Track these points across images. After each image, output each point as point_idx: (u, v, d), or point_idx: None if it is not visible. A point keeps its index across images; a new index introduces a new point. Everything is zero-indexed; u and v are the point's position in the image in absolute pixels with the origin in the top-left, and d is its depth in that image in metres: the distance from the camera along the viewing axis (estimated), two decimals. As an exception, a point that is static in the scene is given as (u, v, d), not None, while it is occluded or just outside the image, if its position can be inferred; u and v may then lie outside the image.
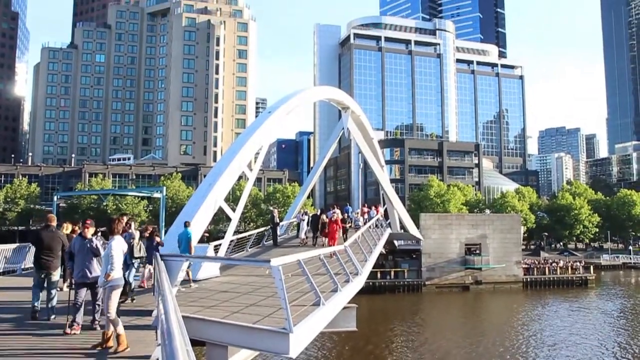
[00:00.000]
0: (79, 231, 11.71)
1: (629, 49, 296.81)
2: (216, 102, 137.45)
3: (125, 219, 13.96)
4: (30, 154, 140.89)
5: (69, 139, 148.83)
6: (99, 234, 11.25)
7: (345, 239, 26.14)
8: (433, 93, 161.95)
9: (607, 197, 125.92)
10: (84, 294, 10.38)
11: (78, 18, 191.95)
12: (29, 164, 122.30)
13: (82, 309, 10.24)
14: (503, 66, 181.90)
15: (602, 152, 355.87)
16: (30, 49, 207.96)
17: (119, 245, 9.89)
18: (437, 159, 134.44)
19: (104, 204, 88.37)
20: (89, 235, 10.66)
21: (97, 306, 10.45)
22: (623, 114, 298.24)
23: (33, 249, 13.57)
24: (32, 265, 13.77)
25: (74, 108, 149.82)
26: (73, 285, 10.77)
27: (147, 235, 16.26)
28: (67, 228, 15.45)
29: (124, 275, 10.96)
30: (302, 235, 32.72)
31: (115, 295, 9.53)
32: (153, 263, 14.03)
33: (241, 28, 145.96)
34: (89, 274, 10.34)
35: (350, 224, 35.28)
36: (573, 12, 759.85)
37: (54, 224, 12.47)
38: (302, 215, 35.39)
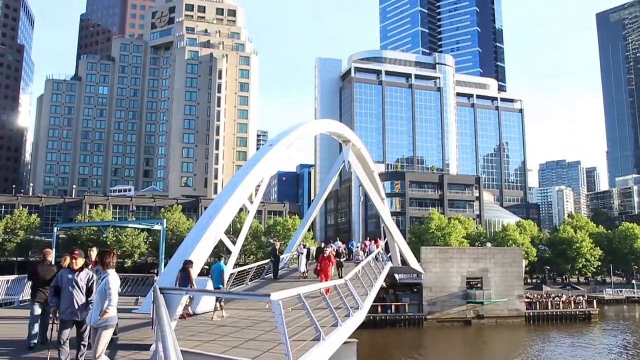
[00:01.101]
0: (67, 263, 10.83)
1: (627, 83, 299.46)
2: (218, 134, 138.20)
3: (95, 251, 13.39)
4: (31, 184, 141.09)
5: (70, 170, 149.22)
6: (90, 265, 10.62)
7: (340, 275, 25.96)
8: (434, 126, 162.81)
9: (609, 231, 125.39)
10: (69, 332, 9.58)
11: (83, 51, 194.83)
12: (30, 194, 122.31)
13: (67, 350, 9.45)
14: (503, 100, 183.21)
15: (603, 185, 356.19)
16: (35, 80, 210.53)
17: (115, 281, 9.17)
18: (438, 192, 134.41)
19: (104, 235, 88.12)
20: (77, 268, 9.87)
21: (82, 347, 9.53)
22: (623, 147, 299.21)
23: (30, 282, 13.54)
24: (30, 298, 13.70)
25: (76, 139, 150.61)
26: (57, 322, 9.92)
27: (181, 267, 16.53)
28: (67, 260, 15.35)
29: None
30: (302, 269, 32.45)
31: (108, 335, 8.90)
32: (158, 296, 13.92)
33: (243, 62, 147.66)
34: (78, 312, 9.49)
35: (346, 259, 34.95)
36: (571, 46, 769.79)
37: (50, 258, 12.52)
38: (302, 248, 35.13)
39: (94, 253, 13.03)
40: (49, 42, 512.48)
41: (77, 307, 9.55)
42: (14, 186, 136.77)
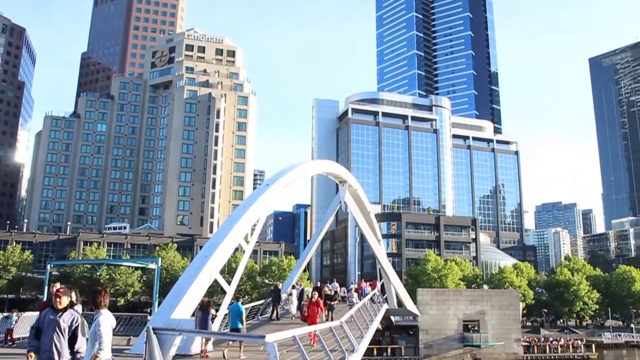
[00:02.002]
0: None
1: (621, 126, 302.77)
2: (214, 173, 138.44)
3: (58, 285, 11.33)
4: (25, 220, 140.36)
5: (65, 206, 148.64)
6: (76, 305, 9.35)
7: (330, 318, 25.52)
8: (430, 167, 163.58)
9: (606, 273, 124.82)
10: None
11: (83, 88, 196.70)
12: (24, 230, 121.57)
13: None
14: (498, 142, 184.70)
15: (599, 227, 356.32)
16: (34, 117, 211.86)
17: (107, 321, 8.48)
18: (434, 233, 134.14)
19: (98, 273, 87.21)
20: (61, 307, 8.68)
21: None
22: (618, 190, 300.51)
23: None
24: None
25: (72, 176, 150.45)
26: None
27: (201, 307, 16.44)
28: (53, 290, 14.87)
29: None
30: (293, 311, 31.67)
31: None
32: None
33: (241, 101, 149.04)
34: (56, 358, 8.28)
35: (338, 301, 34.25)
36: (566, 89, 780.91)
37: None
38: (291, 288, 34.14)
39: (55, 289, 11.76)
40: (49, 79, 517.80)
41: (55, 352, 8.32)
42: (8, 222, 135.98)
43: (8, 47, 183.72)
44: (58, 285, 11.24)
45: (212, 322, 15.53)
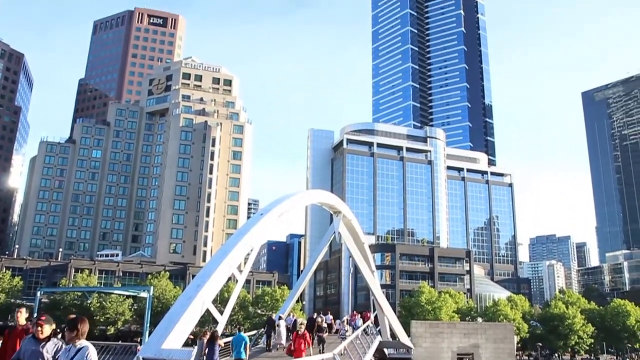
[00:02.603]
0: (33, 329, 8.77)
1: (614, 160, 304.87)
2: (209, 201, 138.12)
3: (23, 312, 10.74)
4: (17, 246, 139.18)
5: (57, 232, 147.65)
6: (60, 335, 8.88)
7: (321, 351, 25.12)
8: (424, 199, 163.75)
9: (601, 307, 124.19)
10: None
11: (79, 114, 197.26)
12: (15, 256, 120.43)
13: None
14: (493, 174, 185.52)
15: (593, 260, 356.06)
16: (29, 142, 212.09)
17: (93, 353, 7.82)
18: (429, 264, 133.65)
19: (88, 301, 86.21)
20: (43, 337, 8.21)
21: None
22: (612, 223, 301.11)
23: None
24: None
25: (65, 202, 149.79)
26: None
27: (207, 339, 16.27)
28: (20, 316, 14.12)
29: None
30: (283, 342, 31.01)
31: None
32: None
33: (237, 130, 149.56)
34: None
35: (328, 333, 33.62)
36: (559, 122, 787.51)
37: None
38: (278, 319, 33.27)
39: (22, 315, 10.55)
40: (46, 104, 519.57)
41: None
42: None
43: (6, 72, 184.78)
44: (23, 311, 10.64)
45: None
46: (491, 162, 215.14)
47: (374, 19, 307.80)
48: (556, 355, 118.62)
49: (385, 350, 63.53)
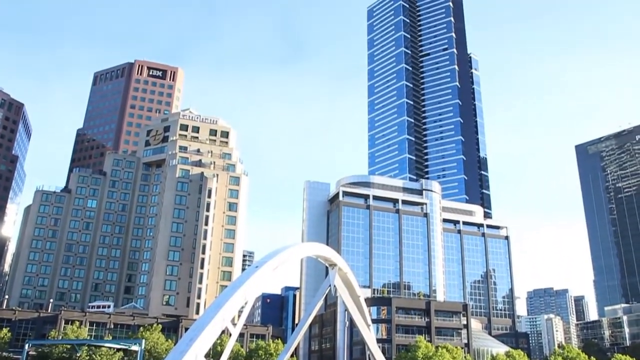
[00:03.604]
0: None
1: (609, 212, 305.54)
2: (203, 253, 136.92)
3: None
4: (6, 296, 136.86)
5: (49, 282, 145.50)
6: None
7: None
8: (420, 252, 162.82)
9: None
10: None
11: (76, 164, 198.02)
12: (4, 307, 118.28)
13: None
14: (489, 226, 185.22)
15: (592, 313, 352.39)
16: (24, 191, 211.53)
17: None
18: (425, 318, 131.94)
19: (78, 354, 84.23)
20: None
21: None
22: (610, 277, 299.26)
23: None
24: None
25: (59, 251, 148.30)
26: None
27: None
28: None
29: None
30: None
31: None
32: None
33: (233, 181, 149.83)
34: None
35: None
36: (554, 175, 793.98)
37: None
38: None
39: None
40: (43, 153, 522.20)
41: None
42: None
43: (5, 122, 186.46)
44: None
45: None
46: (487, 215, 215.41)
47: (369, 73, 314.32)
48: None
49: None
